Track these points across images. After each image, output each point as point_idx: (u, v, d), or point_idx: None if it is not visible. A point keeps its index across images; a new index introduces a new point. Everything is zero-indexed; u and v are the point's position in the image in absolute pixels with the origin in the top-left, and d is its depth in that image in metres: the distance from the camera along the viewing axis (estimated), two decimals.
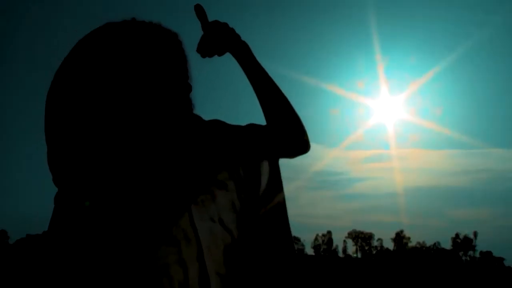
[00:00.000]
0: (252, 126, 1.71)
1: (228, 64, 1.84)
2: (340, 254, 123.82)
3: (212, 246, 1.42)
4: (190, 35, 1.69)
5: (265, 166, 1.64)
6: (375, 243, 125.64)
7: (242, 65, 1.76)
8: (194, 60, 1.62)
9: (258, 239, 1.53)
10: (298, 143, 1.77)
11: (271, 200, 1.61)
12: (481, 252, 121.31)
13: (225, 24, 1.69)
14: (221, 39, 1.69)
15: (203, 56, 1.70)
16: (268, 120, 1.76)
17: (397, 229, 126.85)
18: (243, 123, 1.75)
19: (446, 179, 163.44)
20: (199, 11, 1.68)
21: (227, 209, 1.49)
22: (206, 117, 1.68)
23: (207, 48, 1.69)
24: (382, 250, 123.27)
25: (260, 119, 1.78)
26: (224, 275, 1.42)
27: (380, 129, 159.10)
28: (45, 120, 1.44)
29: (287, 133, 1.74)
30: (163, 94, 1.49)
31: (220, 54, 1.72)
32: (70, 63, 1.46)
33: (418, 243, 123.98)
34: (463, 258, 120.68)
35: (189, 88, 1.55)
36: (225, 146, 1.57)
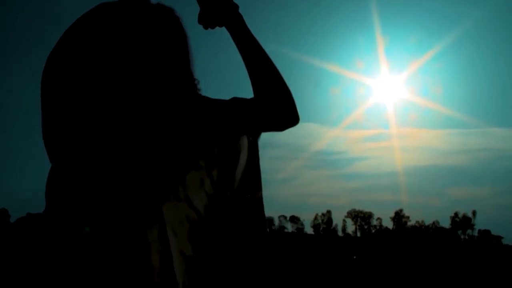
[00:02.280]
0: (235, 100, 1.68)
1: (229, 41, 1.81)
2: (340, 233, 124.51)
3: (176, 225, 1.40)
4: (189, 11, 1.67)
5: (244, 144, 1.62)
6: (374, 222, 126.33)
7: (232, 34, 1.73)
8: (194, 36, 1.60)
9: (230, 220, 1.51)
10: (287, 114, 1.72)
11: (248, 182, 1.60)
12: (479, 231, 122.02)
13: None
14: (218, 10, 1.68)
15: (205, 27, 1.70)
16: (256, 91, 1.72)
17: (397, 208, 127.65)
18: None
19: (446, 158, 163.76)
20: None
21: (195, 187, 1.46)
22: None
23: (207, 19, 1.69)
24: (381, 229, 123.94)
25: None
26: (189, 256, 1.40)
27: (380, 108, 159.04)
28: (41, 96, 1.46)
29: (276, 103, 1.69)
30: (163, 73, 1.50)
31: (221, 25, 1.71)
32: (66, 42, 1.46)
33: (417, 222, 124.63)
34: (462, 236, 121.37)
35: (191, 69, 1.56)
36: (200, 122, 1.54)
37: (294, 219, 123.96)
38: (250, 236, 1.54)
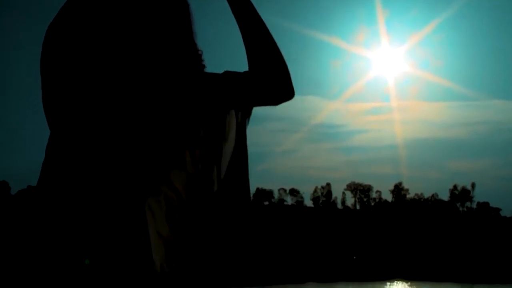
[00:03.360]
0: (227, 74, 1.65)
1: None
2: (339, 206, 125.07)
3: (154, 206, 1.40)
4: None
5: (232, 124, 1.60)
6: (373, 195, 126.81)
7: (230, 2, 1.69)
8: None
9: (213, 200, 1.50)
10: (282, 87, 1.68)
11: (236, 167, 1.58)
12: (478, 203, 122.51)
13: None
14: None
15: None
16: (251, 62, 1.69)
17: (396, 181, 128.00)
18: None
19: (446, 131, 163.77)
20: None
21: (176, 168, 1.45)
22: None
23: None
24: (381, 202, 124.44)
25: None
26: (167, 237, 1.39)
27: (381, 81, 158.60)
28: (41, 66, 1.45)
29: (271, 76, 1.66)
30: (165, 44, 1.48)
31: None
32: (66, 13, 1.45)
33: (416, 194, 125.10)
34: (460, 209, 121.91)
35: (194, 40, 1.53)
36: (192, 100, 1.52)
37: (293, 192, 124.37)
38: (233, 218, 1.53)
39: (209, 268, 1.46)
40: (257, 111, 1.76)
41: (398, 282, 78.04)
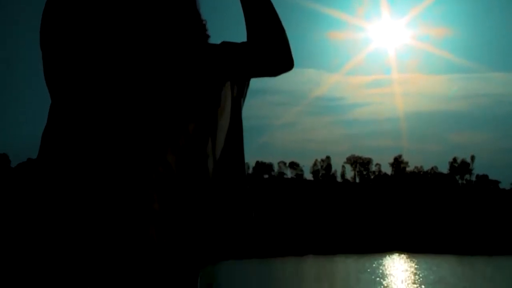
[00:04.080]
0: (224, 44, 1.58)
1: None
2: (339, 179, 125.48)
3: (147, 178, 1.39)
4: None
5: (228, 97, 1.53)
6: (373, 168, 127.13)
7: None
8: None
9: (207, 176, 1.47)
10: (281, 57, 1.62)
11: (231, 132, 1.55)
12: (477, 176, 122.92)
13: None
14: None
15: None
16: (250, 31, 1.62)
17: (396, 154, 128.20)
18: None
19: (446, 103, 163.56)
20: None
21: (169, 142, 1.44)
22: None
23: None
24: (380, 175, 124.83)
25: None
26: (156, 210, 1.39)
27: (381, 54, 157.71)
28: (41, 34, 1.44)
29: (270, 45, 1.59)
30: (168, 14, 1.46)
31: None
32: None
33: (416, 167, 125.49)
34: (460, 181, 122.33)
35: (197, 9, 1.51)
36: (190, 75, 1.49)
37: (293, 165, 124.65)
38: (228, 192, 1.52)
39: (204, 242, 1.45)
40: (257, 84, 1.68)
41: (397, 254, 78.70)
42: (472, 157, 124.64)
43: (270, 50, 1.60)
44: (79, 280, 1.33)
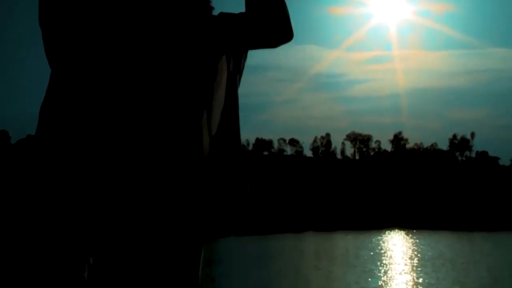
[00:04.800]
0: (222, 15, 1.56)
1: None
2: (339, 156, 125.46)
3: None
4: None
5: (224, 68, 1.51)
6: (373, 144, 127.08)
7: None
8: None
9: (201, 149, 1.46)
10: (280, 28, 1.56)
11: (227, 107, 1.53)
12: (477, 152, 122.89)
13: None
14: None
15: None
16: (249, 2, 1.57)
17: (396, 131, 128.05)
18: None
19: (447, 80, 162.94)
20: None
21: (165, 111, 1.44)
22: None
23: None
24: (380, 152, 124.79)
25: None
26: (158, 184, 1.39)
27: (382, 29, 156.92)
28: (39, 3, 1.43)
29: (269, 16, 1.54)
30: None
31: None
32: None
33: (416, 144, 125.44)
34: (460, 158, 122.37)
35: None
36: (183, 42, 1.47)
37: (293, 142, 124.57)
38: (222, 166, 1.52)
39: (203, 216, 1.45)
40: (257, 60, 1.62)
41: (396, 230, 79.03)
42: (472, 134, 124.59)
43: (269, 19, 1.57)
44: (83, 252, 1.34)
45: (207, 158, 1.46)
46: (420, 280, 21.59)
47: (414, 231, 75.47)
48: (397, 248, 43.55)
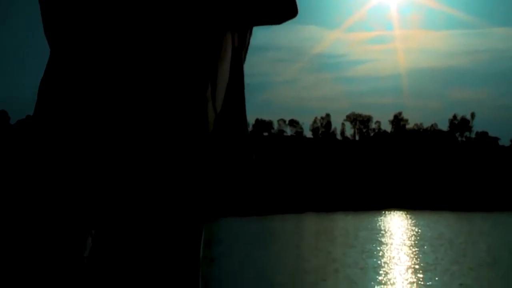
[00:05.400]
0: None
1: None
2: (338, 137, 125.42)
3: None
4: None
5: (228, 47, 1.50)
6: (373, 125, 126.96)
7: None
8: None
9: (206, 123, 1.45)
10: (286, 4, 1.53)
11: (232, 82, 1.52)
12: (477, 133, 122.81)
13: None
14: None
15: None
16: None
17: (395, 111, 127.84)
18: None
19: (447, 60, 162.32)
20: None
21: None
22: None
23: None
24: (380, 132, 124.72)
25: None
26: (159, 159, 1.37)
27: (383, 9, 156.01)
28: None
29: None
30: None
31: None
32: None
33: (416, 125, 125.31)
34: (459, 139, 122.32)
35: None
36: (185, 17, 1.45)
37: (293, 123, 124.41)
38: (228, 142, 1.51)
39: (206, 193, 1.44)
40: (257, 40, 1.60)
41: (396, 211, 79.29)
42: (472, 114, 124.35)
43: None
44: (83, 224, 1.34)
45: (212, 135, 1.45)
46: (419, 260, 21.70)
47: (414, 211, 75.71)
48: (396, 228, 43.73)
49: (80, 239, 1.34)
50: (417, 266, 19.57)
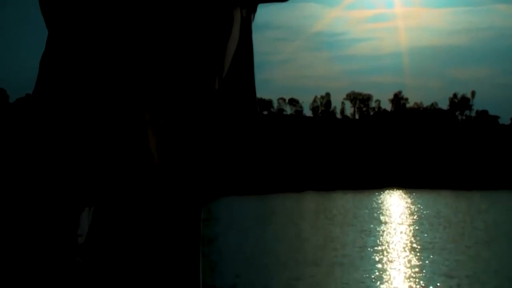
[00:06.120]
0: None
1: None
2: (338, 116, 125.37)
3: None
4: None
5: (237, 18, 1.49)
6: (373, 104, 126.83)
7: None
8: None
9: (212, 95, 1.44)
10: None
11: (241, 62, 1.52)
12: (477, 111, 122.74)
13: None
14: None
15: None
16: None
17: (396, 90, 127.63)
18: None
19: (448, 38, 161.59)
20: None
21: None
22: None
23: None
24: (380, 111, 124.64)
25: None
26: (161, 121, 1.37)
27: None
28: None
29: None
30: None
31: None
32: None
33: (416, 103, 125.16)
34: (459, 117, 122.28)
35: None
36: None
37: (293, 102, 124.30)
38: (236, 117, 1.49)
39: (206, 172, 1.43)
40: (256, 19, 1.59)
41: (395, 190, 79.53)
42: (473, 93, 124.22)
43: None
44: (79, 201, 1.34)
45: (216, 101, 1.43)
46: (417, 238, 21.90)
47: (413, 190, 76.01)
48: (395, 207, 43.96)
49: (73, 217, 1.34)
50: (414, 245, 19.76)
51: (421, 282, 13.10)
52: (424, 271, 14.58)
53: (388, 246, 19.98)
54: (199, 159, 1.42)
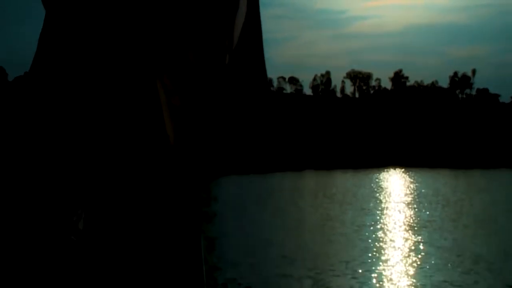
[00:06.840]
0: None
1: None
2: (338, 94, 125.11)
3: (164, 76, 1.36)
4: None
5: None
6: (373, 82, 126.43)
7: None
8: None
9: (224, 71, 1.41)
10: None
11: (249, 35, 1.47)
12: (477, 90, 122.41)
13: None
14: None
15: None
16: None
17: (396, 69, 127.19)
18: None
19: (449, 16, 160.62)
20: None
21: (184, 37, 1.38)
22: None
23: None
24: (380, 90, 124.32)
25: None
26: (177, 105, 1.35)
27: None
28: None
29: None
30: None
31: None
32: None
33: (416, 82, 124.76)
34: (460, 96, 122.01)
35: None
36: None
37: (293, 80, 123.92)
38: (246, 93, 1.47)
39: (213, 151, 1.41)
40: None
41: (395, 169, 79.70)
42: (473, 71, 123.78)
43: None
44: (80, 185, 1.32)
45: (227, 75, 1.42)
46: (415, 217, 21.99)
47: (413, 169, 76.13)
48: (394, 186, 44.10)
49: (72, 207, 1.31)
50: (413, 224, 19.85)
51: (419, 260, 13.18)
52: (421, 249, 14.67)
53: (386, 224, 20.07)
54: (209, 140, 1.40)
